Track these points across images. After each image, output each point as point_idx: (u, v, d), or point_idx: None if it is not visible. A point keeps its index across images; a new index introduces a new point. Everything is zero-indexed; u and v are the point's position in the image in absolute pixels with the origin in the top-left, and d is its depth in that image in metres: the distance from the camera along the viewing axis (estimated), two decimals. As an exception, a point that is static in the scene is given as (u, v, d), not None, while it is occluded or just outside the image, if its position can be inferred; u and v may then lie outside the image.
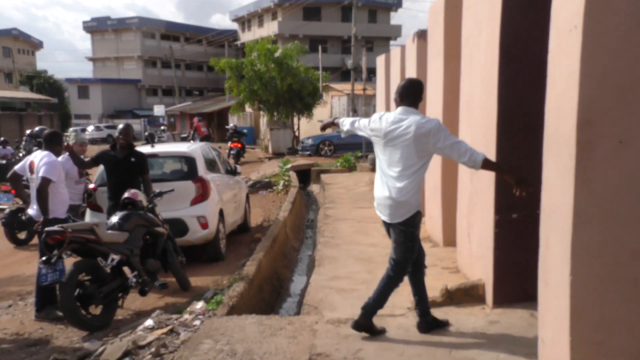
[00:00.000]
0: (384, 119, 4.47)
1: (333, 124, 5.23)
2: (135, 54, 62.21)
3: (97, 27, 64.14)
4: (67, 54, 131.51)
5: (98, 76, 63.14)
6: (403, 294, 5.66)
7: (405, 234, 4.38)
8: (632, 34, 3.08)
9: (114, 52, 63.32)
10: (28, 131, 19.84)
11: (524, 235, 4.73)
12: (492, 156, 4.86)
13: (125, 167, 7.05)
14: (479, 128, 5.41)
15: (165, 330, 4.85)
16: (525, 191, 4.02)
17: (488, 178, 5.01)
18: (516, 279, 4.83)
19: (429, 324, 4.56)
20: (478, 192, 5.51)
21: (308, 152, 24.65)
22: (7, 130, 24.81)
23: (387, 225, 4.59)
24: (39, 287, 5.95)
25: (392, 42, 52.71)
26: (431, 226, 8.19)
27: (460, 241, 6.30)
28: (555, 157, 3.38)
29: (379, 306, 4.53)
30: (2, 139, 18.13)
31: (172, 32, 63.93)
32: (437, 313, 4.91)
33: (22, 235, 9.87)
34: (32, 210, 6.26)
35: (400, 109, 4.41)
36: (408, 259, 4.44)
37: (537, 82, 4.53)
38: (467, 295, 5.11)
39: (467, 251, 5.98)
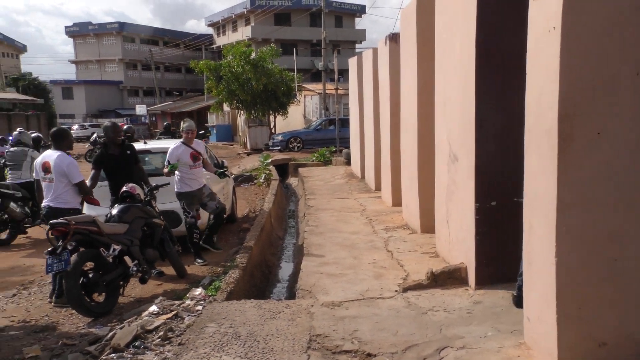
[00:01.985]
0: None
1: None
2: (117, 57, 61.07)
3: (79, 32, 62.72)
4: (49, 57, 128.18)
5: (81, 78, 61.82)
6: (389, 277, 5.74)
7: None
8: (606, 34, 3.14)
9: (96, 55, 62.01)
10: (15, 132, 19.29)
11: (502, 221, 4.80)
12: (470, 149, 4.91)
13: (124, 162, 6.97)
14: (456, 123, 5.44)
15: (170, 315, 4.79)
16: None
17: (467, 169, 5.06)
18: (496, 262, 4.89)
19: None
20: (456, 182, 5.55)
21: (278, 148, 24.64)
22: (-4, 129, 24.16)
23: None
24: (55, 276, 5.85)
25: (357, 45, 52.93)
26: (408, 214, 8.24)
27: (439, 228, 6.34)
28: (537, 148, 3.43)
29: None
30: (1, 137, 17.58)
31: (151, 36, 63.02)
32: (424, 295, 4.95)
33: (3, 235, 9.26)
34: (52, 202, 6.12)
35: None
36: None
37: (513, 79, 4.60)
38: (450, 277, 5.15)
39: (446, 237, 6.03)
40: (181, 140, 7.46)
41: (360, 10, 55.77)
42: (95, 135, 22.55)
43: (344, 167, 17.00)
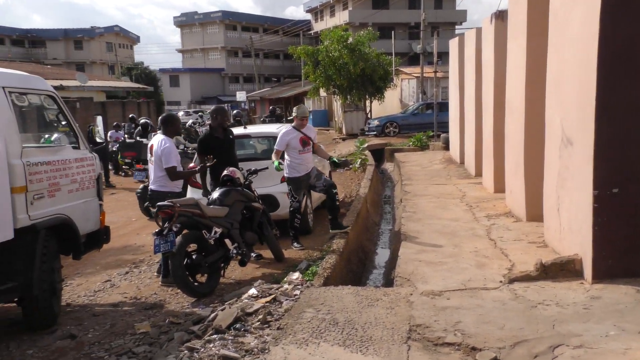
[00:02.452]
0: None
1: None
2: (219, 45, 63.17)
3: (186, 22, 65.58)
4: (159, 47, 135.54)
5: (186, 66, 64.72)
6: (492, 267, 5.41)
7: None
8: None
9: (200, 44, 64.59)
10: (130, 116, 20.51)
11: (626, 210, 4.35)
12: (589, 132, 4.48)
13: (227, 146, 7.11)
14: (572, 105, 5.00)
15: (269, 299, 4.78)
16: None
17: (584, 154, 4.62)
18: (617, 254, 4.45)
19: None
20: (569, 168, 5.12)
21: (374, 133, 24.34)
22: (112, 115, 25.74)
23: None
24: (163, 256, 6.03)
25: (457, 27, 51.04)
26: (512, 201, 7.80)
27: (548, 216, 5.91)
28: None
29: None
30: (115, 123, 18.73)
31: (251, 24, 64.59)
32: (533, 287, 4.61)
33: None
34: (153, 185, 6.39)
35: None
36: None
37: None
38: (562, 269, 4.75)
39: (556, 226, 5.60)
40: (292, 125, 7.48)
41: (461, -10, 53.74)
42: (190, 122, 22.38)
43: (442, 152, 16.49)
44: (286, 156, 7.28)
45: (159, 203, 5.62)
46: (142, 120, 18.69)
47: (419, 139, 19.19)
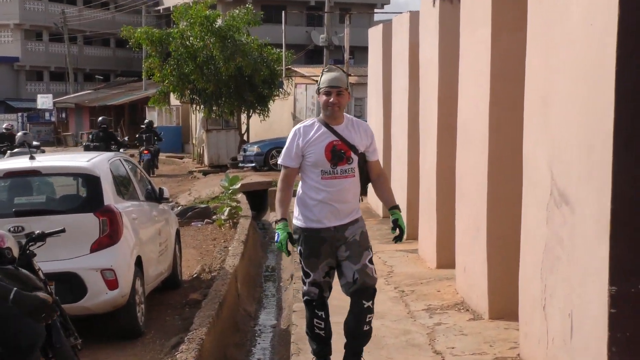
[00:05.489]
0: None
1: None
2: (12, 22, 61.23)
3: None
4: None
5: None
6: None
7: None
8: None
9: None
10: None
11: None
12: (602, 189, 4.16)
13: None
14: (570, 138, 4.73)
15: None
16: None
17: (593, 222, 4.30)
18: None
19: None
20: (565, 240, 4.83)
21: (253, 164, 24.48)
22: None
23: None
24: None
25: (377, 11, 52.90)
26: (467, 285, 7.65)
27: (527, 316, 5.67)
28: None
29: None
30: None
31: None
32: None
33: None
34: None
35: None
36: None
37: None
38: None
39: (542, 333, 5.31)
40: (317, 117, 5.36)
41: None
42: None
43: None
44: (300, 182, 5.29)
45: None
46: None
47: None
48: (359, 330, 4.96)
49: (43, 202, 8.35)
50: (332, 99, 4.96)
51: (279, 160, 5.32)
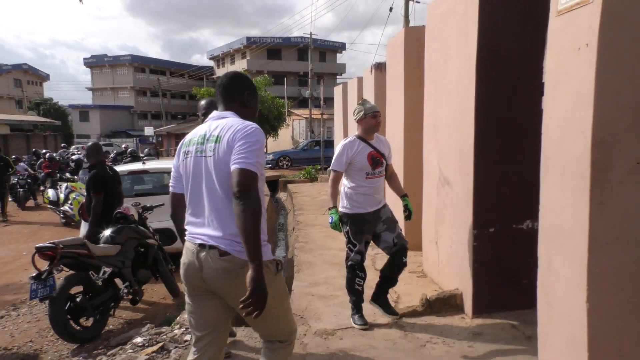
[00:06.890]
0: None
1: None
2: (128, 85, 60.00)
3: (96, 63, 61.56)
4: (70, 85, 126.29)
5: (97, 103, 60.48)
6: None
7: None
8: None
9: (110, 84, 60.91)
10: (34, 150, 18.26)
11: (500, 248, 4.02)
12: (469, 177, 4.13)
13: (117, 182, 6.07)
14: (449, 148, 4.67)
15: (155, 348, 3.88)
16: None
17: (464, 195, 4.27)
18: (493, 290, 4.08)
19: None
20: (447, 205, 4.78)
21: (269, 165, 23.85)
22: (15, 148, 22.90)
23: None
24: None
25: (338, 77, 52.55)
26: None
27: (427, 248, 5.55)
28: (560, 177, 2.64)
29: None
30: (15, 156, 16.46)
31: (159, 67, 62.09)
32: (420, 323, 4.13)
33: None
34: None
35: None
36: None
37: (516, 102, 3.87)
38: (445, 304, 4.32)
39: (434, 258, 5.23)
40: (356, 134, 4.33)
41: (341, 47, 55.79)
42: (78, 155, 17.75)
43: (327, 184, 16.22)
44: (344, 181, 4.35)
45: (37, 245, 4.53)
46: (76, 157, 16.76)
47: (308, 172, 18.86)
48: (397, 276, 4.34)
49: (150, 188, 8.16)
50: (379, 120, 4.24)
51: (331, 167, 4.37)
